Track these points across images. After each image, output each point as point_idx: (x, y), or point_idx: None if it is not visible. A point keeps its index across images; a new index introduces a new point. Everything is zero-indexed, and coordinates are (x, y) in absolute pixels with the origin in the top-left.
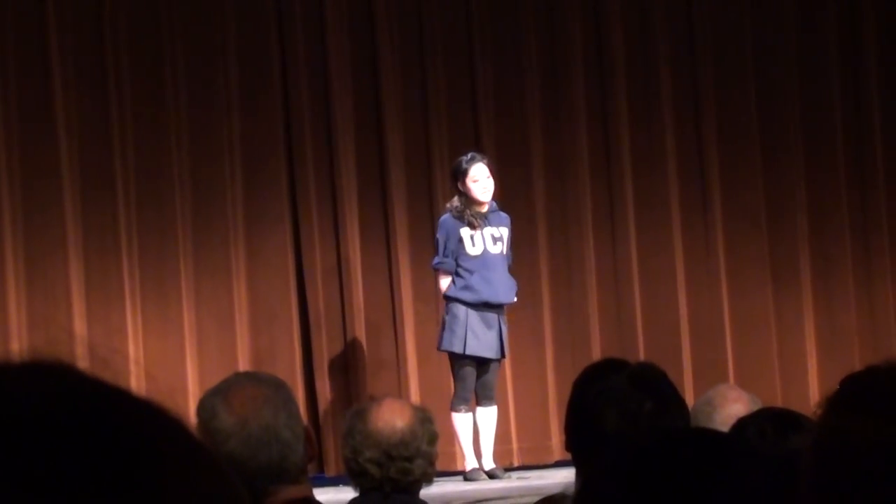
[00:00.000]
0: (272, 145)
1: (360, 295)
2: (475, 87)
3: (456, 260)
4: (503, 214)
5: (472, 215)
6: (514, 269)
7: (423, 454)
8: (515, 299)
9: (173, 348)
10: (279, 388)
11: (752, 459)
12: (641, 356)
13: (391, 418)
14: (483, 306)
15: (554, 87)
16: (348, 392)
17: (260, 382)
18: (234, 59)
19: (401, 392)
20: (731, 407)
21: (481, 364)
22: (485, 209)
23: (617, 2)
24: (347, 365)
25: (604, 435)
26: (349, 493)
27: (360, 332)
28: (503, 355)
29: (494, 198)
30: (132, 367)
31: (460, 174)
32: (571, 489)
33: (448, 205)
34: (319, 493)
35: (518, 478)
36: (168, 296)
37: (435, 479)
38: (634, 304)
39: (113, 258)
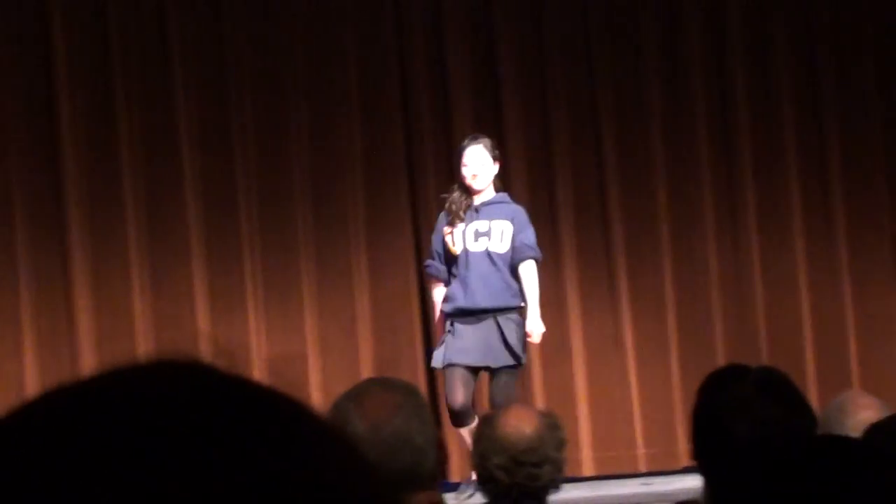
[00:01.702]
0: (393, 153)
1: None
2: (594, 92)
3: (449, 266)
4: (511, 206)
5: (456, 209)
6: (636, 274)
7: (551, 460)
8: (522, 304)
9: (243, 353)
10: (411, 394)
11: (886, 466)
12: (765, 361)
13: (519, 424)
14: (463, 314)
15: (674, 90)
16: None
17: (392, 388)
18: (354, 69)
19: (526, 398)
20: (862, 413)
21: (492, 375)
22: (479, 199)
23: (736, 6)
24: (470, 372)
25: (732, 442)
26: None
27: None
28: (516, 361)
29: (503, 189)
30: (258, 366)
31: (456, 157)
32: (700, 496)
33: (443, 195)
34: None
35: (643, 483)
36: (290, 303)
37: (562, 485)
38: (757, 308)
39: (236, 265)
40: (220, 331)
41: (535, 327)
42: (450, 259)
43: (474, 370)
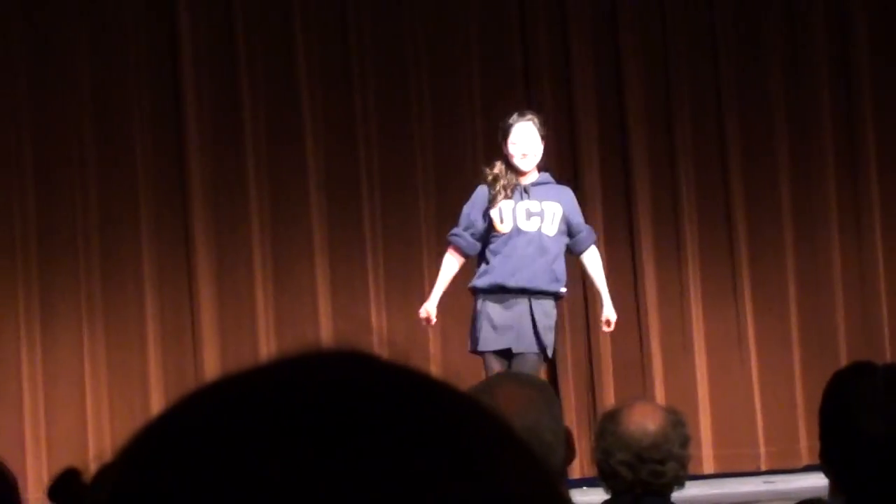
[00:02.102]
0: None
1: None
2: (720, 90)
3: (485, 242)
4: (558, 187)
5: (505, 185)
6: (759, 271)
7: (675, 457)
8: (561, 290)
9: (418, 349)
10: (542, 390)
11: None
12: (889, 358)
13: (643, 421)
14: (500, 290)
15: (798, 87)
16: (592, 395)
17: (524, 383)
18: (477, 67)
19: (647, 395)
20: None
21: (512, 359)
22: (526, 179)
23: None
24: (591, 367)
25: (863, 441)
26: (594, 495)
27: (605, 336)
28: (541, 350)
29: (546, 168)
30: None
31: (502, 133)
32: (824, 495)
33: (486, 169)
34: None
35: (765, 482)
36: (412, 296)
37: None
38: (881, 305)
39: (358, 258)
40: (341, 324)
41: (612, 315)
42: (487, 235)
43: (506, 353)
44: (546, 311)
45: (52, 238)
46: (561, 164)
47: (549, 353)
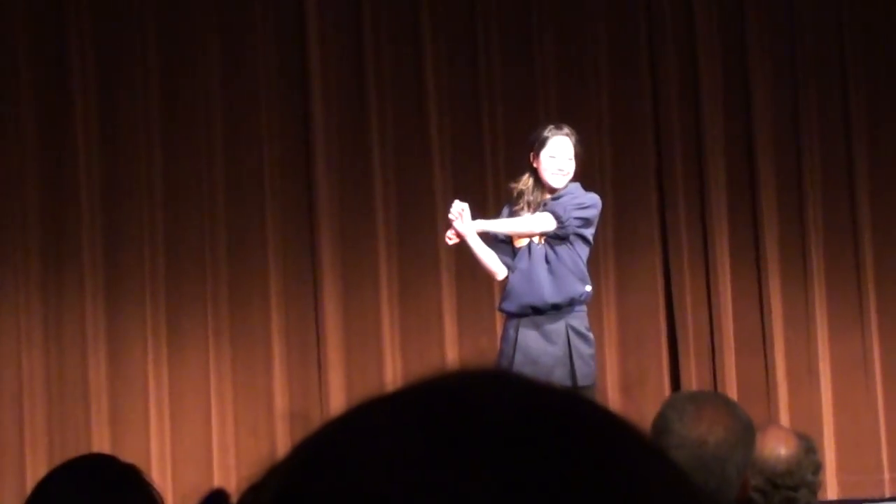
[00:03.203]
0: (642, 167)
1: (729, 318)
2: (848, 113)
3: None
4: (576, 195)
5: (530, 202)
6: (885, 293)
7: (807, 483)
8: (586, 291)
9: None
10: (747, 429)
11: None
12: None
13: (776, 446)
14: (531, 313)
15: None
16: None
17: (734, 414)
18: (605, 78)
19: (772, 419)
20: None
21: None
22: (550, 197)
23: None
24: (716, 389)
25: None
26: None
27: (730, 357)
28: (575, 382)
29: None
30: None
31: (537, 144)
32: None
33: (512, 185)
34: None
35: None
36: None
37: None
38: None
39: (485, 283)
40: (466, 344)
41: (469, 226)
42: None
43: None
44: (583, 336)
45: (180, 257)
46: (687, 184)
47: (590, 383)
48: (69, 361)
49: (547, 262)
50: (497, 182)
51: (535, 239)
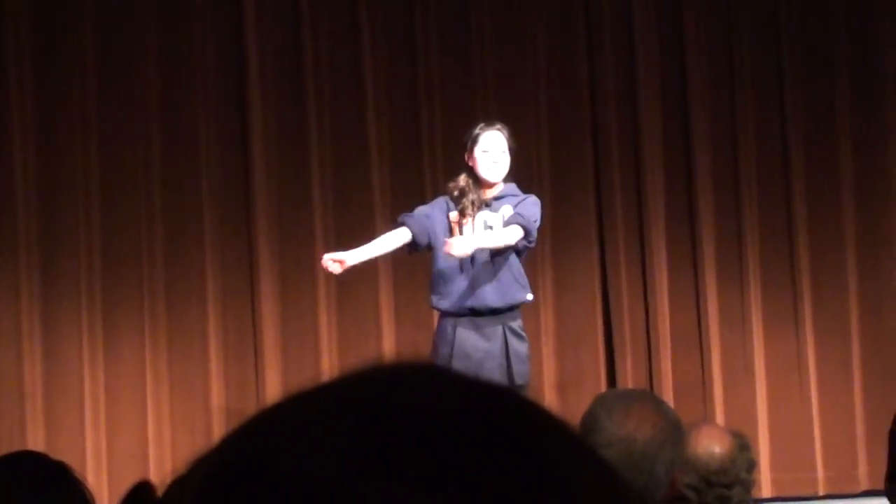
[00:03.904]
0: (580, 171)
1: (665, 318)
2: (784, 113)
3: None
4: (522, 196)
5: (473, 201)
6: (820, 293)
7: (741, 481)
8: (525, 296)
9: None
10: (677, 428)
11: None
12: None
13: (710, 444)
14: (469, 315)
15: (864, 109)
16: None
17: (663, 412)
18: (544, 79)
19: (706, 417)
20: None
21: None
22: (491, 192)
23: None
24: (652, 388)
25: None
26: None
27: (666, 356)
28: (512, 381)
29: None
30: None
31: (470, 142)
32: None
33: (450, 184)
34: None
35: None
36: None
37: None
38: None
39: (423, 280)
40: (403, 342)
41: (462, 244)
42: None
43: None
44: (519, 336)
45: (116, 255)
46: (624, 186)
47: (525, 382)
48: (4, 360)
49: (493, 268)
50: (435, 181)
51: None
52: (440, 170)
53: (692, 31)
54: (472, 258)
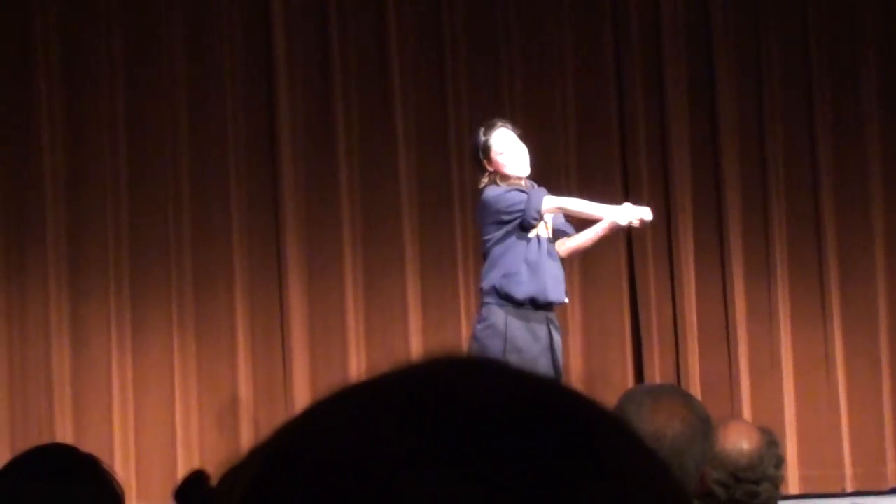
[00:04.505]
0: (608, 164)
1: (693, 313)
2: (813, 110)
3: (501, 250)
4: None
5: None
6: (848, 289)
7: (769, 477)
8: (566, 301)
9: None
10: (705, 422)
11: None
12: None
13: (738, 440)
14: (529, 306)
15: (893, 108)
16: None
17: (692, 407)
18: (571, 75)
19: (734, 413)
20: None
21: None
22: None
23: None
24: (679, 383)
25: None
26: None
27: (693, 352)
28: (558, 374)
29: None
30: None
31: (482, 150)
32: None
33: (483, 180)
34: None
35: (850, 503)
36: None
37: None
38: None
39: (450, 275)
40: (433, 341)
41: (622, 212)
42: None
43: None
44: (558, 332)
45: (144, 247)
46: (652, 179)
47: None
48: (32, 352)
49: (555, 262)
50: (462, 176)
51: (544, 232)
52: (467, 165)
53: (719, 21)
54: (546, 250)
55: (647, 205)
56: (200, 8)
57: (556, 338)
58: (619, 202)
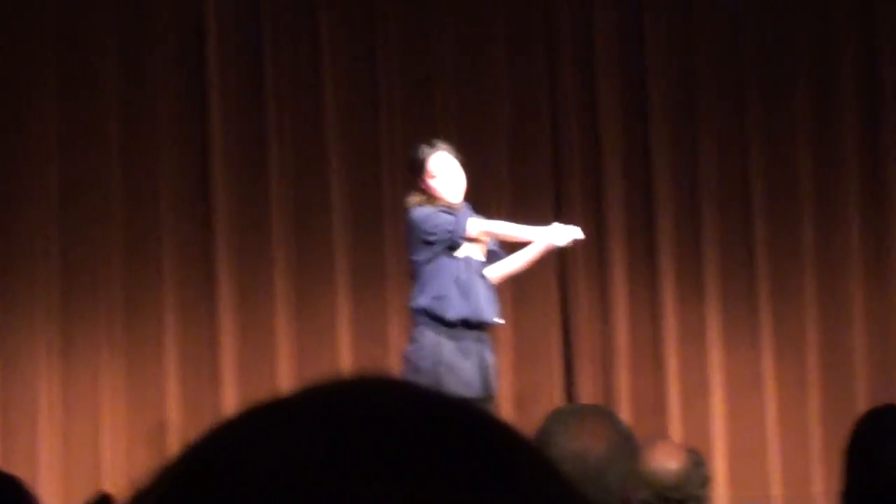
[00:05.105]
0: (540, 184)
1: (624, 333)
2: (745, 132)
3: (431, 272)
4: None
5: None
6: (779, 312)
7: (695, 497)
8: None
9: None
10: (629, 441)
11: None
12: None
13: (665, 460)
14: (463, 327)
15: (824, 129)
16: None
17: (616, 427)
18: (505, 90)
19: (663, 433)
20: None
21: None
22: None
23: (889, 41)
24: (609, 404)
25: (891, 485)
26: None
27: (624, 372)
28: (490, 393)
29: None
30: None
31: (417, 168)
32: None
33: (411, 199)
34: None
35: None
36: None
37: None
38: None
39: (380, 292)
40: (361, 355)
41: (551, 234)
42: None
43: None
44: (490, 349)
45: (74, 267)
46: (584, 199)
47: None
48: None
49: (486, 282)
50: (394, 193)
51: (475, 253)
52: (399, 182)
53: (653, 44)
54: (476, 271)
55: (580, 225)
56: (134, 23)
57: (489, 358)
58: (550, 220)
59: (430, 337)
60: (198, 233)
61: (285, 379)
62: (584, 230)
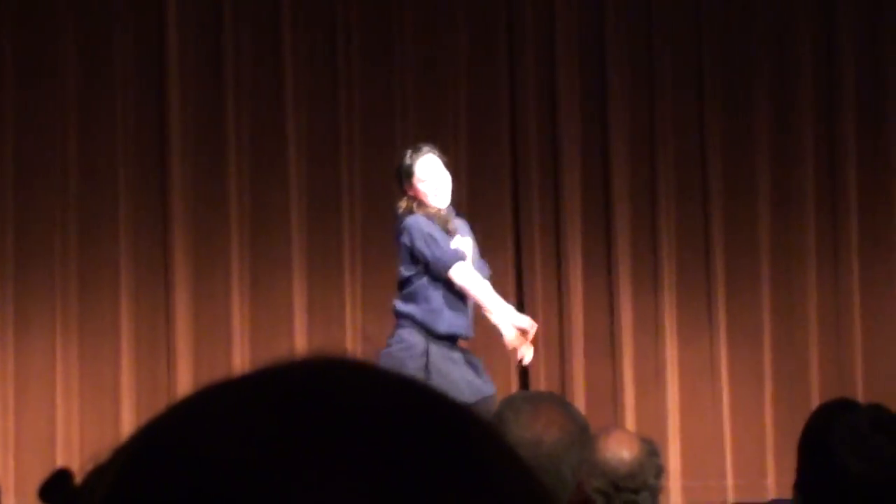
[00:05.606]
0: (497, 172)
1: (579, 322)
2: (703, 125)
3: (425, 284)
4: (464, 221)
5: (453, 226)
6: (734, 302)
7: (649, 487)
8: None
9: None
10: (584, 431)
11: None
12: (860, 395)
13: (619, 449)
14: (462, 340)
15: (781, 124)
16: None
17: (571, 416)
18: (464, 84)
19: (618, 423)
20: None
21: None
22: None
23: (849, 41)
24: (564, 392)
25: (842, 477)
26: None
27: (579, 361)
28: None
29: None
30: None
31: (404, 174)
32: None
33: (401, 204)
34: None
35: None
36: (387, 319)
37: None
38: (854, 342)
39: (336, 278)
40: (316, 338)
41: (509, 326)
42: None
43: None
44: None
45: (29, 245)
46: (542, 188)
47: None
48: None
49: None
50: (351, 181)
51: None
52: (357, 168)
53: (612, 35)
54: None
55: (537, 212)
56: (92, 11)
57: (475, 359)
58: (507, 210)
59: (419, 340)
60: (154, 213)
61: (239, 356)
62: (540, 221)
